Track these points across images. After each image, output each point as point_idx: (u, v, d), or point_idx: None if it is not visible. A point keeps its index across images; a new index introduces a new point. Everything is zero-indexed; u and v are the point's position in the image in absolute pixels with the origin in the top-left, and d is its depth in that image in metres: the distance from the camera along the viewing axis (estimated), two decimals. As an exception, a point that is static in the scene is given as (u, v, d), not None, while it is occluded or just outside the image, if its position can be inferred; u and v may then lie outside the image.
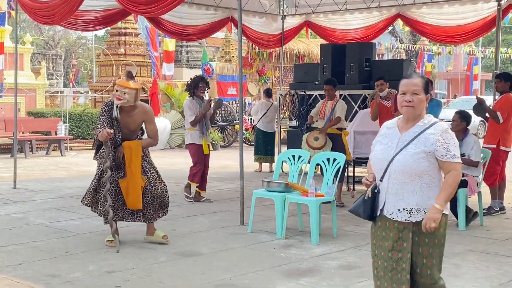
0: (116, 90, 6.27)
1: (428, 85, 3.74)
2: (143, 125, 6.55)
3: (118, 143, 6.35)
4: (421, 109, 3.70)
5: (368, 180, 3.81)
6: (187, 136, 9.44)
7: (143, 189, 6.40)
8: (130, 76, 6.38)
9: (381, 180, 3.74)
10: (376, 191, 3.75)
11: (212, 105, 9.34)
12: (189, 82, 9.32)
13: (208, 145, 9.37)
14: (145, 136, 6.67)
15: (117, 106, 6.28)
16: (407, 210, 3.65)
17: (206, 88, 9.22)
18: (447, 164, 3.62)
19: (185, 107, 9.31)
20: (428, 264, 3.67)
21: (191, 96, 9.20)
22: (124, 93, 6.24)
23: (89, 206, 6.50)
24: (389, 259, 3.69)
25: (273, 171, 11.55)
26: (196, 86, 9.14)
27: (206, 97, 16.36)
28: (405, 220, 3.65)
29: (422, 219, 3.61)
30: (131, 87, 6.24)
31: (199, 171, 9.21)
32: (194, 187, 9.40)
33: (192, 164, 9.33)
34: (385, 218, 3.73)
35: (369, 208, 3.75)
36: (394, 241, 3.68)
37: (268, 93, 13.26)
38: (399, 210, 3.66)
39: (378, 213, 3.75)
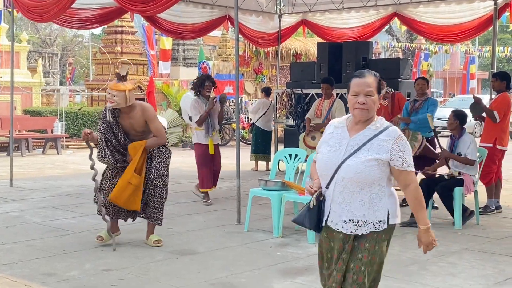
0: (108, 93, 6.24)
1: (380, 83, 3.47)
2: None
3: (125, 146, 6.31)
4: (374, 111, 3.43)
5: (312, 188, 3.51)
6: (193, 136, 9.29)
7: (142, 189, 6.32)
8: (118, 77, 6.29)
9: (327, 187, 3.44)
10: (321, 198, 3.46)
11: (217, 102, 9.10)
12: (195, 80, 9.17)
13: (216, 145, 9.12)
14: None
15: (109, 109, 6.25)
16: (353, 222, 3.38)
17: (212, 87, 9.09)
18: (405, 174, 3.37)
19: (190, 106, 9.17)
20: (366, 271, 3.40)
21: (197, 95, 9.02)
22: (114, 96, 6.17)
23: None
24: (335, 270, 3.44)
25: (269, 170, 11.55)
26: (202, 85, 8.93)
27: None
28: (351, 232, 3.38)
29: (370, 232, 3.37)
30: (119, 89, 6.15)
31: (206, 175, 9.02)
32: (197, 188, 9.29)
33: (196, 167, 9.17)
34: (330, 228, 3.46)
35: (315, 218, 3.46)
36: (339, 252, 3.44)
37: (268, 91, 13.24)
38: (344, 221, 3.38)
39: (324, 222, 3.47)
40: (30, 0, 10.17)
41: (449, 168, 7.79)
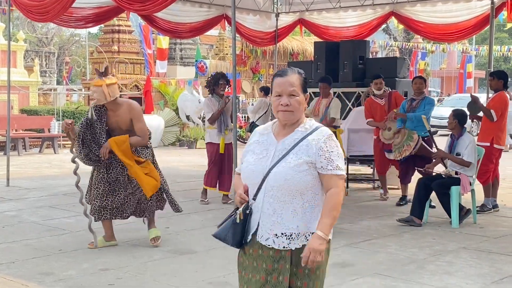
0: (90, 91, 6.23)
1: (306, 82, 3.11)
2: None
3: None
4: (300, 112, 3.05)
5: (242, 198, 3.07)
6: (206, 135, 9.21)
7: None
8: (98, 73, 6.24)
9: (254, 199, 3.04)
10: (248, 212, 3.04)
11: (229, 102, 8.95)
12: (209, 78, 9.08)
13: (229, 144, 8.91)
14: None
15: (92, 107, 6.21)
16: (285, 235, 2.98)
17: (227, 86, 8.98)
18: (328, 177, 2.98)
19: (203, 105, 9.05)
20: None
21: (211, 93, 8.95)
22: (94, 92, 6.13)
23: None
24: None
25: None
26: (216, 83, 8.87)
27: (196, 94, 16.25)
28: (284, 247, 2.98)
29: (303, 245, 2.97)
30: (97, 84, 6.09)
31: (213, 174, 8.94)
32: (210, 190, 9.12)
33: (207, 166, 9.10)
34: (258, 244, 3.03)
35: (240, 233, 3.04)
36: (267, 273, 3.01)
37: (267, 91, 13.16)
38: (276, 235, 2.97)
39: (249, 238, 3.05)
40: (29, 0, 10.16)
41: (445, 167, 7.79)
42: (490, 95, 9.05)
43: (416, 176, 8.49)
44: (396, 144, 8.71)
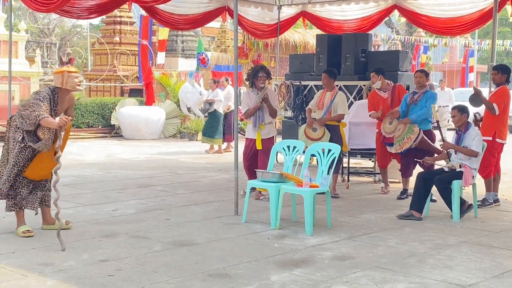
0: (76, 78, 6.42)
1: None
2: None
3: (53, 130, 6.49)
4: None
5: None
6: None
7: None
8: (68, 61, 6.48)
9: None
10: None
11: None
12: (249, 71, 8.79)
13: (268, 138, 8.68)
14: None
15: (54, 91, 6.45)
16: None
17: (268, 79, 8.74)
18: None
19: (242, 97, 8.93)
20: None
21: (251, 86, 8.72)
22: (78, 78, 6.50)
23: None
24: None
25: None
26: (255, 76, 8.58)
27: (197, 86, 16.35)
28: None
29: None
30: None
31: (250, 170, 8.54)
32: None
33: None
34: None
35: None
36: None
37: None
38: None
39: None
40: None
41: (449, 160, 7.78)
42: (492, 89, 9.02)
43: (418, 170, 8.47)
44: (397, 137, 8.69)
